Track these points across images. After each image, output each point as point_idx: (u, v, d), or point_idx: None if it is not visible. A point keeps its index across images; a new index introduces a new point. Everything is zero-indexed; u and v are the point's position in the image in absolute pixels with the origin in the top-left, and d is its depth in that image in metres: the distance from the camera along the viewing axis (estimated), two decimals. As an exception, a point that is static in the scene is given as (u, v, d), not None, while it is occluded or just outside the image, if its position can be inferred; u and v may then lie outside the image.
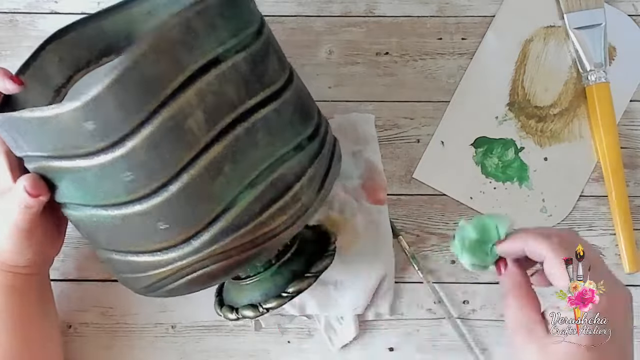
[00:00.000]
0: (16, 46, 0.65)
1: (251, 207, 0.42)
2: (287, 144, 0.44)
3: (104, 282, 0.61)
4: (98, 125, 0.39)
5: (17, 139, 0.43)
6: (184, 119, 0.40)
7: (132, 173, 0.40)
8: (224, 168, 0.41)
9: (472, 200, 0.62)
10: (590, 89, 0.63)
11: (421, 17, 0.66)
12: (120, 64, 0.38)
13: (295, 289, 0.48)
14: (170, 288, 0.45)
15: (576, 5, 0.65)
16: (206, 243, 0.42)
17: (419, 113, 0.64)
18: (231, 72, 0.41)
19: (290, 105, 0.45)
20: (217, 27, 0.41)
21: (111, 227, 0.43)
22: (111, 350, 0.60)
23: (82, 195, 0.43)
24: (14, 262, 0.49)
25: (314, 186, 0.46)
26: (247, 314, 0.49)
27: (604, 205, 0.63)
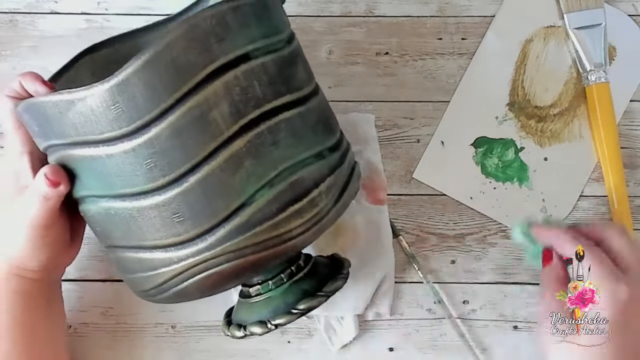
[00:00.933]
0: (16, 46, 0.65)
1: (268, 206, 0.43)
2: (309, 149, 0.45)
3: (104, 282, 0.61)
4: (125, 108, 0.40)
5: (43, 125, 0.44)
6: (209, 109, 0.41)
7: (153, 161, 0.41)
8: (245, 163, 0.42)
9: (472, 200, 0.62)
10: (590, 89, 0.63)
11: (421, 17, 0.66)
12: (152, 48, 0.39)
13: (306, 307, 0.47)
14: (178, 289, 0.45)
15: (576, 5, 0.65)
16: (220, 239, 0.42)
17: (419, 113, 0.64)
18: (259, 70, 0.42)
19: (314, 114, 0.46)
20: (250, 26, 0.42)
21: (127, 220, 0.43)
22: (111, 350, 0.60)
23: (101, 185, 0.43)
24: (25, 265, 0.49)
25: (331, 195, 0.46)
26: (254, 331, 0.48)
27: (604, 205, 0.63)
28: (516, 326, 0.60)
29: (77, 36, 0.65)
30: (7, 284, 0.49)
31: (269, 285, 0.49)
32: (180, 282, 0.44)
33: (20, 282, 0.50)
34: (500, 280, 0.61)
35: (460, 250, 0.62)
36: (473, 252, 0.62)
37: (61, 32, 0.65)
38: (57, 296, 0.55)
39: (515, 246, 0.59)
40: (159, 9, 0.65)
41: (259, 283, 0.49)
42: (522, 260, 0.61)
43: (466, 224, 0.62)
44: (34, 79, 0.47)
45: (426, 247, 0.62)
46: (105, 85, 0.39)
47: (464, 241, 0.62)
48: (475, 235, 0.62)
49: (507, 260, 0.62)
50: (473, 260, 0.61)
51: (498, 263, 0.61)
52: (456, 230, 0.62)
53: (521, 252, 0.61)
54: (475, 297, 0.61)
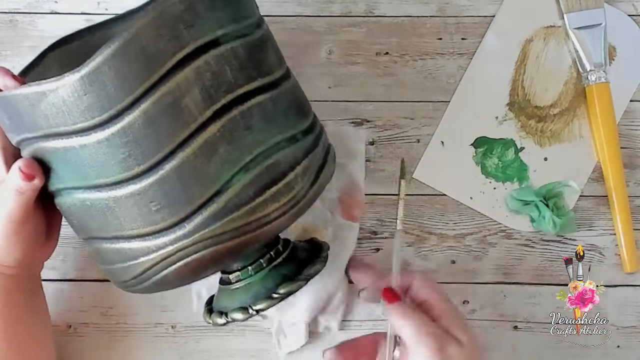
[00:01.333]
0: (16, 46, 0.65)
1: (245, 190, 0.43)
2: (282, 133, 0.45)
3: (104, 282, 0.61)
4: (96, 98, 0.40)
5: (14, 118, 0.43)
6: (181, 96, 0.41)
7: (127, 150, 0.41)
8: (219, 149, 0.42)
9: (472, 200, 0.62)
10: (590, 89, 0.63)
11: (421, 17, 0.66)
12: (121, 36, 0.39)
13: (286, 291, 0.48)
14: (159, 277, 0.45)
15: (576, 5, 0.65)
16: (198, 226, 0.42)
17: (419, 113, 0.64)
18: (230, 55, 0.42)
19: (285, 98, 0.46)
20: (218, 11, 0.42)
21: (103, 211, 0.43)
22: (111, 350, 0.60)
23: (76, 176, 0.43)
24: (1, 260, 0.49)
25: (307, 178, 0.46)
26: (236, 317, 0.48)
27: (604, 205, 0.63)
28: (516, 326, 0.60)
29: (77, 36, 0.65)
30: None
31: (249, 271, 0.49)
32: (160, 271, 0.44)
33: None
34: (500, 280, 0.61)
35: (460, 250, 0.62)
36: (473, 252, 0.62)
37: (61, 32, 0.65)
38: (37, 291, 0.55)
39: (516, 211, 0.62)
40: (159, 9, 0.65)
41: (239, 269, 0.49)
42: (522, 260, 0.62)
43: (466, 224, 0.62)
44: (4, 73, 0.47)
45: (426, 247, 0.62)
46: (76, 75, 0.39)
47: (464, 241, 0.62)
48: (475, 235, 0.62)
49: (507, 260, 0.62)
50: (473, 260, 0.61)
51: (498, 263, 0.61)
52: (456, 230, 0.62)
53: (521, 252, 0.62)
54: (475, 297, 0.61)
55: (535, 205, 0.61)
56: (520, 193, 0.62)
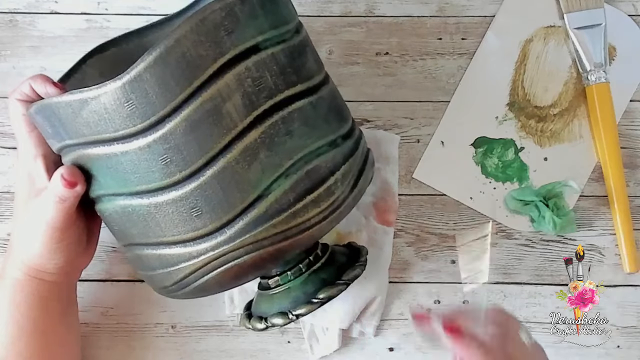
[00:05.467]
0: (16, 46, 0.65)
1: (285, 196, 0.43)
2: (322, 138, 0.45)
3: (104, 282, 0.61)
4: (138, 104, 0.40)
5: (56, 126, 0.44)
6: (222, 102, 0.41)
7: (168, 156, 0.41)
8: (260, 154, 0.42)
9: (472, 200, 0.62)
10: (590, 89, 0.63)
11: (421, 17, 0.66)
12: (162, 43, 0.39)
13: (326, 295, 0.48)
14: (200, 283, 0.45)
15: (576, 5, 0.65)
16: (239, 232, 0.43)
17: (419, 113, 0.64)
18: (270, 61, 0.43)
19: (325, 103, 0.46)
20: (258, 17, 0.43)
21: (145, 217, 0.43)
22: (111, 350, 0.60)
23: (117, 183, 0.43)
24: (42, 267, 0.49)
25: (347, 183, 0.46)
26: (276, 322, 0.48)
27: (604, 205, 0.63)
28: (516, 326, 0.60)
29: (77, 36, 0.65)
30: (24, 288, 0.49)
31: (288, 276, 0.49)
32: (201, 277, 0.44)
33: (36, 285, 0.50)
34: (500, 280, 0.61)
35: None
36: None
37: (61, 32, 0.65)
38: (72, 299, 0.55)
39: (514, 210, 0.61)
40: (159, 9, 0.65)
41: (278, 274, 0.49)
42: (522, 260, 0.62)
43: (466, 224, 0.62)
44: (44, 80, 0.47)
45: (426, 247, 0.62)
46: (117, 83, 0.40)
47: (464, 241, 0.62)
48: (475, 235, 0.62)
49: (507, 260, 0.62)
50: (473, 260, 0.61)
51: (498, 263, 0.61)
52: (456, 230, 0.62)
53: (521, 252, 0.62)
54: (476, 297, 0.61)
55: (535, 205, 0.61)
56: (520, 193, 0.62)
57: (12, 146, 0.63)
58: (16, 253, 0.50)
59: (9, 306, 0.50)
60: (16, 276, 0.49)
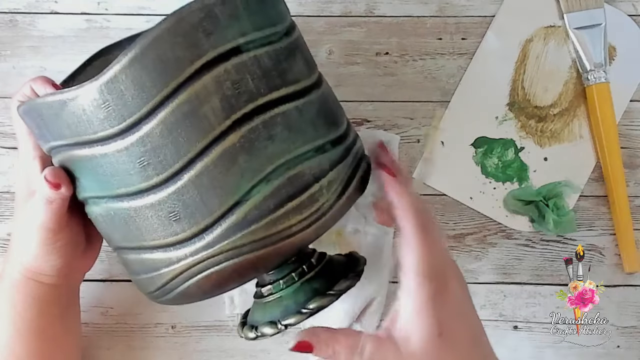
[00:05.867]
0: (16, 46, 0.65)
1: (265, 202, 0.42)
2: (308, 143, 0.43)
3: (104, 282, 0.61)
4: (114, 107, 0.39)
5: (41, 127, 0.43)
6: (199, 104, 0.40)
7: (145, 159, 0.40)
8: (239, 159, 0.41)
9: (472, 200, 0.62)
10: (590, 89, 0.63)
11: (421, 17, 0.66)
12: (137, 44, 0.39)
13: (316, 306, 0.47)
14: (181, 290, 0.44)
15: (576, 5, 0.65)
16: (218, 237, 0.42)
17: (419, 113, 0.64)
18: (252, 64, 0.41)
19: (314, 107, 0.45)
20: (241, 18, 0.41)
21: (126, 221, 0.43)
22: (111, 350, 0.60)
23: (99, 185, 0.43)
24: (39, 269, 0.49)
25: (334, 190, 0.45)
26: (265, 332, 0.47)
27: (604, 205, 0.63)
28: (516, 326, 0.60)
29: (77, 36, 0.65)
30: (22, 289, 0.49)
31: (280, 285, 0.48)
32: (182, 282, 0.44)
33: (35, 287, 0.49)
34: (500, 280, 0.61)
35: (460, 250, 0.62)
36: (473, 252, 0.62)
37: (61, 32, 0.65)
38: (73, 302, 0.54)
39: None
40: (159, 9, 0.65)
41: (271, 283, 0.48)
42: (522, 260, 0.62)
43: (466, 224, 0.62)
44: (44, 82, 0.47)
45: (426, 247, 0.62)
46: (93, 84, 0.39)
47: (463, 241, 0.62)
48: (475, 235, 0.62)
49: (507, 260, 0.62)
50: (473, 260, 0.61)
51: (498, 263, 0.62)
52: (456, 230, 0.62)
53: (521, 252, 0.62)
54: (475, 297, 0.60)
55: (535, 205, 0.61)
56: (520, 193, 0.62)
57: (12, 146, 0.63)
58: (15, 254, 0.50)
59: (6, 307, 0.49)
60: (15, 277, 0.49)
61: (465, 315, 0.44)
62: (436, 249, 0.43)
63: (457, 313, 0.43)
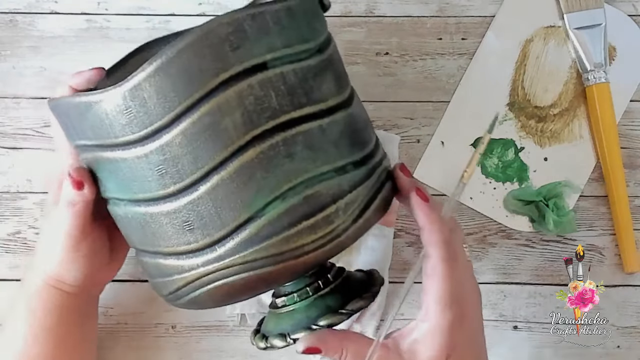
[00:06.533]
0: (16, 46, 0.65)
1: (279, 219, 0.41)
2: (328, 163, 0.43)
3: (104, 282, 0.61)
4: (137, 113, 0.40)
5: (67, 125, 0.44)
6: (221, 117, 0.40)
7: (163, 168, 0.40)
8: (256, 175, 0.41)
9: (472, 200, 0.62)
10: (590, 89, 0.63)
11: (421, 17, 0.66)
12: (164, 54, 0.39)
13: (326, 323, 0.46)
14: (192, 297, 0.44)
15: (576, 5, 0.65)
16: (230, 251, 0.42)
17: (419, 113, 0.64)
18: (277, 80, 0.41)
19: (338, 127, 0.44)
20: (270, 34, 0.41)
21: (142, 225, 0.43)
22: (111, 350, 0.60)
23: (119, 188, 0.43)
24: (61, 277, 0.49)
25: (350, 213, 0.44)
26: (275, 343, 0.47)
27: (604, 205, 0.63)
28: (516, 326, 0.60)
29: (77, 36, 0.65)
30: (43, 295, 0.49)
31: (294, 298, 0.47)
32: (192, 291, 0.44)
33: (56, 294, 0.49)
34: (500, 280, 0.61)
35: (460, 250, 0.62)
36: (473, 252, 0.62)
37: (61, 32, 0.65)
38: (92, 311, 0.54)
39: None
40: (159, 9, 0.65)
41: (286, 294, 0.48)
42: (522, 260, 0.62)
43: (466, 224, 0.62)
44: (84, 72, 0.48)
45: (426, 247, 0.62)
46: (118, 90, 0.39)
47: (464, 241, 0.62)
48: (475, 235, 0.62)
49: (507, 260, 0.62)
50: (473, 260, 0.61)
51: (498, 263, 0.62)
52: (456, 230, 0.62)
53: (521, 252, 0.62)
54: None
55: (535, 205, 0.61)
56: (520, 193, 0.62)
57: (12, 146, 0.63)
58: (38, 262, 0.50)
59: (26, 312, 0.49)
60: (36, 283, 0.49)
61: (475, 342, 0.45)
62: (460, 278, 0.43)
63: (468, 340, 0.44)
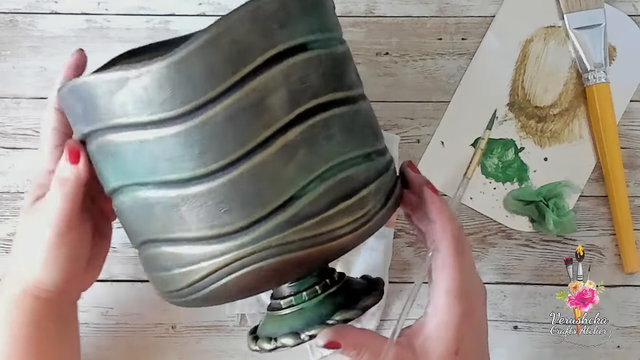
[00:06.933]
0: (16, 46, 0.65)
1: (318, 200, 0.41)
2: (359, 149, 0.44)
3: (104, 282, 0.61)
4: (180, 88, 0.39)
5: (87, 108, 0.42)
6: (267, 94, 0.40)
7: (205, 145, 0.39)
8: (298, 153, 0.41)
9: (472, 200, 0.62)
10: (590, 89, 0.63)
11: (421, 17, 0.66)
12: (214, 27, 0.38)
13: (342, 318, 0.46)
14: (217, 286, 0.43)
15: (576, 6, 0.65)
16: (268, 231, 0.41)
17: (419, 113, 0.64)
18: (316, 62, 0.42)
19: (363, 116, 0.45)
20: (309, 16, 0.42)
21: (168, 210, 0.41)
22: (111, 350, 0.60)
23: (144, 171, 0.41)
24: (41, 282, 0.48)
25: (379, 198, 0.45)
26: (287, 342, 0.46)
27: (604, 205, 0.63)
28: (516, 326, 0.60)
29: (77, 36, 0.65)
30: (21, 304, 0.49)
31: (303, 297, 0.47)
32: (220, 278, 0.42)
33: (34, 302, 0.49)
34: (500, 280, 0.61)
35: (460, 250, 0.62)
36: (473, 252, 0.62)
37: (61, 32, 0.65)
38: (71, 318, 0.54)
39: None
40: (159, 9, 0.65)
41: (292, 295, 0.48)
42: (522, 260, 0.62)
43: (466, 224, 0.62)
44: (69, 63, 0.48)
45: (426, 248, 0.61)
46: (162, 63, 0.38)
47: (464, 241, 0.62)
48: (475, 235, 0.62)
49: (507, 260, 0.62)
50: (473, 260, 0.61)
51: (498, 263, 0.62)
52: (456, 230, 0.62)
53: (521, 252, 0.62)
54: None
55: (535, 206, 0.61)
56: (520, 193, 0.62)
57: (12, 146, 0.63)
58: (15, 268, 0.49)
59: (4, 322, 0.49)
60: (14, 292, 0.49)
61: (481, 336, 0.46)
62: (468, 271, 0.45)
63: (475, 334, 0.45)
